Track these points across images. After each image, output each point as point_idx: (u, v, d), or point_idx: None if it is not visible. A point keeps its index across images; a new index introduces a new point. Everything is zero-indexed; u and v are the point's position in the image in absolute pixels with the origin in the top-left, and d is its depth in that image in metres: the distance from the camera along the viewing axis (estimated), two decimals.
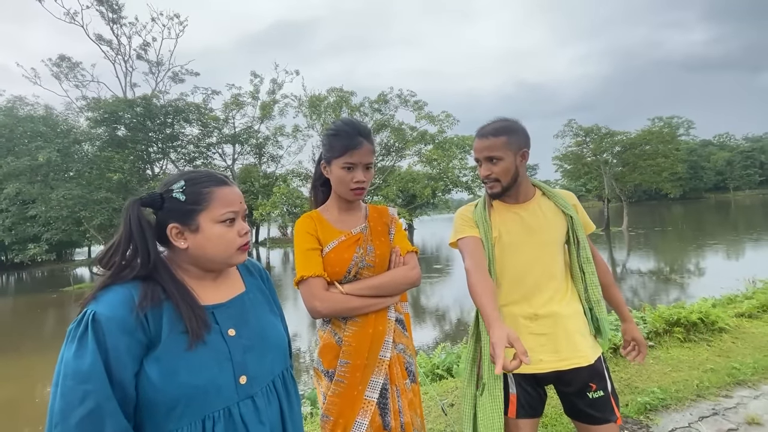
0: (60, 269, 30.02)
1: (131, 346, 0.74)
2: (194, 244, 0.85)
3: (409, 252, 1.37)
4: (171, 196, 0.85)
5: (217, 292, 0.90)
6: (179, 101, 20.93)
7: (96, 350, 0.71)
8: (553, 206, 1.42)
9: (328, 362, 1.27)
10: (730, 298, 5.63)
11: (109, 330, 0.72)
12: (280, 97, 23.83)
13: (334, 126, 1.33)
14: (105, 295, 0.77)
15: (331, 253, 1.28)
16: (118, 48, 23.85)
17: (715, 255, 14.61)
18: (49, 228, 17.76)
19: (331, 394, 1.23)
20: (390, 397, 1.25)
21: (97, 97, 20.75)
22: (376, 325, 1.27)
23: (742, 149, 74.67)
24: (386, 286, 1.28)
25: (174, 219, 0.85)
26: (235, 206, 0.88)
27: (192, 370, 0.78)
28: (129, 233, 0.82)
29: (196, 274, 0.89)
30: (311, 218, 1.35)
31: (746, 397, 2.71)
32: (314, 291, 1.22)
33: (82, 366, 0.70)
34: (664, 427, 2.42)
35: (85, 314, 0.74)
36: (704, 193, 72.74)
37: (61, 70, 22.74)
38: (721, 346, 3.61)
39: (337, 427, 1.22)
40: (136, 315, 0.75)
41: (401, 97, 21.18)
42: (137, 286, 0.79)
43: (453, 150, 20.04)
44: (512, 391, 1.34)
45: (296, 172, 22.95)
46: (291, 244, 36.29)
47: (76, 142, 17.98)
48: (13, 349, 9.89)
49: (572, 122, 27.03)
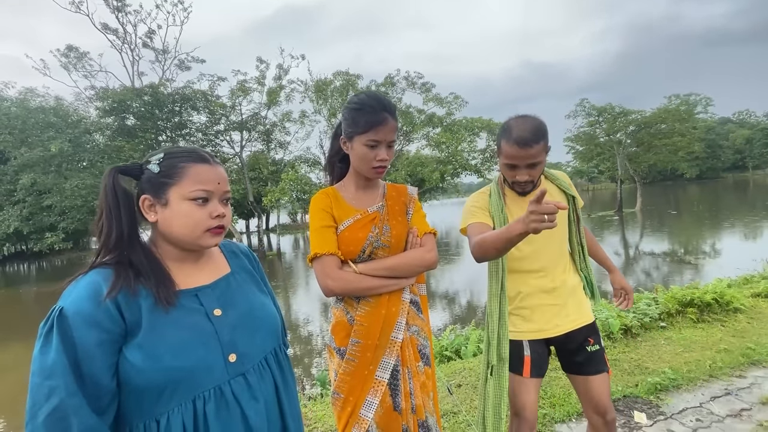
0: (78, 257, 30.82)
1: (101, 338, 0.73)
2: (162, 218, 0.84)
3: (427, 233, 1.32)
4: (148, 167, 0.85)
5: (200, 275, 0.89)
6: (186, 89, 20.89)
7: (60, 346, 0.70)
8: (557, 189, 1.56)
9: (340, 340, 1.26)
10: (746, 278, 5.51)
11: (75, 325, 0.71)
12: (287, 83, 23.63)
13: (358, 99, 1.26)
14: (74, 288, 0.76)
15: (346, 232, 1.25)
16: (124, 36, 23.78)
17: (732, 236, 14.27)
18: (65, 217, 18.15)
19: (342, 372, 1.23)
20: (401, 378, 1.24)
21: (106, 87, 20.85)
22: (389, 306, 1.24)
23: (762, 126, 71.91)
24: (401, 267, 1.24)
25: (147, 191, 0.84)
26: (208, 185, 0.85)
27: (176, 352, 0.77)
28: (104, 200, 0.82)
29: (175, 256, 0.87)
30: (327, 195, 1.31)
31: (761, 377, 2.67)
32: (327, 269, 1.20)
33: (46, 362, 0.69)
34: (675, 407, 2.40)
35: (53, 311, 0.73)
36: (722, 172, 70.64)
37: (69, 60, 22.81)
38: (736, 326, 3.54)
39: (348, 404, 1.21)
40: (105, 307, 0.74)
41: (408, 79, 20.80)
42: (109, 275, 0.78)
43: (462, 133, 19.68)
44: (526, 354, 1.50)
45: (304, 158, 22.93)
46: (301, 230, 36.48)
47: (86, 132, 18.19)
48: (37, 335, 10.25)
49: (584, 102, 26.29)
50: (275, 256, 20.78)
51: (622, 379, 2.76)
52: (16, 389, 6.61)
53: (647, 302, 3.95)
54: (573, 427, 2.29)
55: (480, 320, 6.27)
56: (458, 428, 2.35)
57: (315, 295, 11.56)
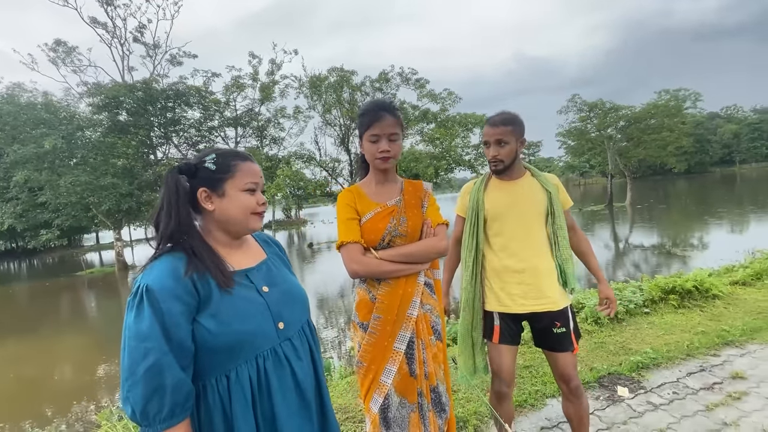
0: (71, 255, 30.57)
1: (183, 309, 0.88)
2: (220, 207, 1.00)
3: (440, 224, 1.51)
4: (203, 165, 1.00)
5: (245, 258, 1.07)
6: (179, 84, 20.73)
7: (152, 315, 0.85)
8: (538, 184, 1.77)
9: (363, 315, 1.46)
10: (728, 268, 5.78)
11: (161, 298, 0.86)
12: (280, 78, 23.55)
13: (363, 106, 1.52)
14: (154, 268, 0.91)
15: (368, 223, 1.45)
16: (114, 31, 23.44)
17: (718, 229, 14.69)
18: (59, 214, 18.04)
19: (365, 343, 1.44)
20: (416, 348, 1.44)
21: (97, 83, 20.61)
22: (406, 287, 1.44)
23: (750, 121, 73.16)
24: (416, 254, 1.44)
25: (204, 184, 0.99)
26: (256, 178, 1.03)
27: (242, 319, 0.95)
28: (167, 196, 0.96)
29: (223, 241, 1.04)
30: (351, 192, 1.52)
31: (733, 355, 2.91)
32: (352, 255, 1.41)
33: (141, 328, 0.84)
34: (654, 382, 2.63)
35: (139, 287, 0.87)
36: (710, 167, 71.78)
37: (57, 55, 22.42)
38: (714, 311, 3.80)
39: (370, 372, 1.42)
40: (183, 283, 0.90)
41: (402, 75, 20.86)
42: (182, 258, 0.93)
43: (455, 128, 19.88)
44: (496, 323, 1.76)
45: (299, 154, 22.92)
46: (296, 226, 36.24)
47: (79, 129, 17.99)
48: (31, 330, 10.30)
49: (576, 97, 26.62)
50: None
51: (608, 359, 2.99)
52: (12, 387, 6.68)
53: (632, 290, 4.19)
54: None
55: None
56: (458, 404, 2.56)
57: (310, 290, 11.72)
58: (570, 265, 1.74)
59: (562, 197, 1.79)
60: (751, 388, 2.45)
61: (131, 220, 22.43)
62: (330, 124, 22.05)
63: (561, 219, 1.74)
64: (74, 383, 6.58)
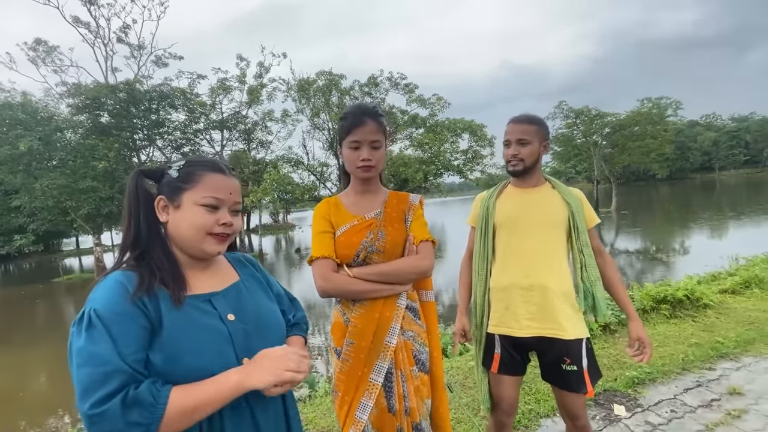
0: (48, 260, 29.55)
1: (137, 332, 0.76)
2: (173, 219, 0.88)
3: (424, 241, 1.33)
4: (168, 171, 0.90)
5: (211, 281, 0.92)
6: (164, 86, 20.31)
7: (107, 338, 0.73)
8: (558, 195, 1.58)
9: (336, 340, 1.31)
10: (714, 275, 5.79)
11: (111, 320, 0.74)
12: (268, 81, 23.31)
13: (344, 110, 1.37)
14: (99, 289, 0.79)
15: (342, 237, 1.32)
16: (97, 31, 22.91)
17: (700, 234, 14.96)
18: (35, 218, 17.37)
19: (338, 371, 1.29)
20: (395, 381, 1.27)
21: (78, 83, 20.04)
22: (383, 310, 1.27)
23: (728, 129, 75.55)
24: (393, 273, 1.28)
25: (164, 192, 0.89)
26: (220, 194, 0.88)
27: (195, 353, 0.79)
28: (127, 200, 0.88)
29: (186, 261, 0.91)
30: (327, 203, 1.39)
31: (728, 369, 2.84)
32: (322, 271, 1.27)
33: (97, 351, 0.72)
34: (651, 399, 2.53)
35: (85, 312, 0.76)
36: (690, 173, 73.74)
37: (37, 54, 21.80)
38: (706, 321, 3.74)
39: (345, 403, 1.26)
40: (133, 303, 0.77)
41: (392, 80, 20.84)
42: (131, 277, 0.81)
43: (444, 134, 19.88)
44: (497, 351, 1.59)
45: (286, 158, 22.63)
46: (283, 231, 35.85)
47: (57, 130, 17.42)
48: (4, 340, 9.82)
49: (563, 104, 27.03)
50: (257, 257, 20.50)
51: (603, 374, 2.88)
52: None
53: None
54: (557, 421, 2.38)
55: None
56: None
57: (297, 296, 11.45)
58: (600, 289, 1.53)
59: (587, 213, 1.59)
60: (750, 405, 2.37)
61: (112, 224, 21.78)
62: (318, 128, 21.87)
63: (585, 236, 1.54)
64: (50, 395, 6.29)
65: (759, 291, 4.42)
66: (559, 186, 1.61)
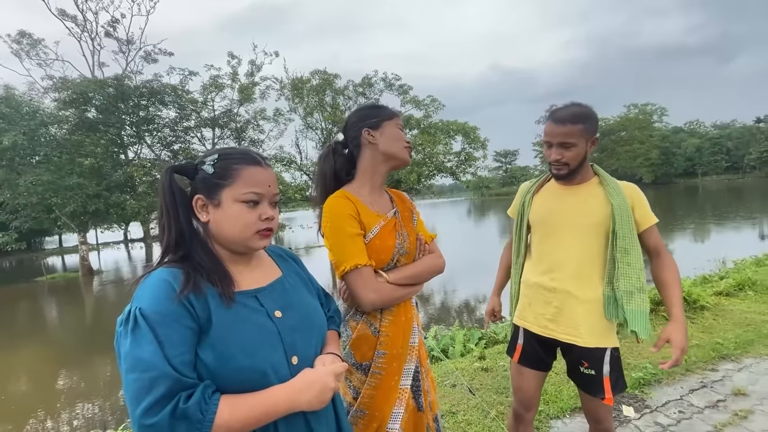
0: (30, 258, 28.72)
1: (184, 333, 0.72)
2: (214, 219, 0.84)
3: (433, 239, 1.38)
4: (203, 167, 0.84)
5: (254, 277, 0.88)
6: (154, 82, 19.95)
7: (153, 341, 0.70)
8: (603, 193, 1.42)
9: (362, 354, 1.20)
10: (705, 277, 5.91)
11: (157, 322, 0.71)
12: (260, 80, 23.09)
13: (369, 103, 1.39)
14: (145, 287, 0.76)
15: (376, 240, 1.19)
16: (84, 24, 22.40)
17: (690, 238, 15.29)
18: (18, 215, 16.84)
19: (367, 388, 1.18)
20: (421, 379, 1.26)
21: (64, 77, 19.54)
22: (406, 313, 1.25)
23: (710, 136, 77.45)
24: (422, 274, 1.26)
25: (201, 191, 0.84)
26: (260, 188, 0.84)
27: (247, 351, 0.76)
28: (162, 199, 0.83)
29: (227, 257, 0.87)
30: (348, 199, 1.20)
31: (731, 370, 2.88)
32: (368, 281, 1.14)
33: (143, 356, 0.69)
34: (658, 400, 2.55)
35: (131, 312, 0.73)
36: (675, 178, 75.42)
37: (21, 47, 21.19)
38: (704, 322, 3.80)
39: (373, 421, 1.17)
40: (180, 303, 0.74)
41: (386, 80, 20.89)
42: (177, 275, 0.77)
43: (438, 135, 19.99)
44: (519, 342, 1.60)
45: (278, 158, 22.43)
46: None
47: (42, 125, 16.93)
48: None
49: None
50: None
51: None
52: None
53: None
54: (567, 422, 2.38)
55: (452, 321, 6.37)
56: (458, 428, 2.39)
57: None
58: (632, 302, 1.36)
59: (640, 214, 1.40)
60: (756, 405, 2.40)
61: (98, 222, 21.30)
62: (311, 128, 21.76)
63: (628, 241, 1.36)
64: (31, 398, 6.07)
65: (753, 293, 4.51)
66: (608, 182, 1.43)
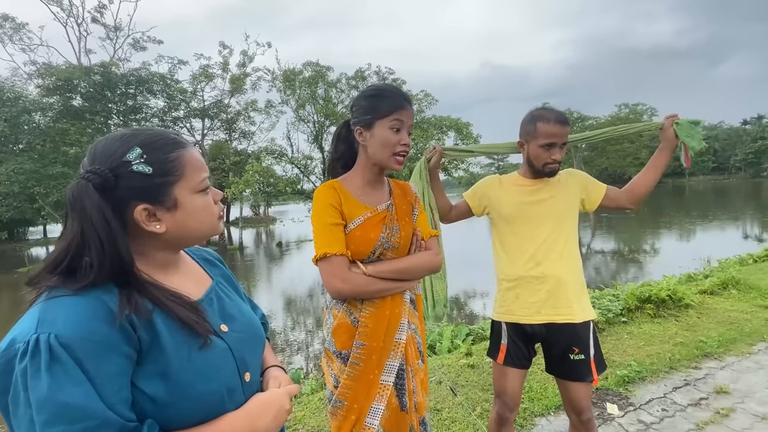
0: (12, 249, 28.07)
1: (120, 364, 0.58)
2: (174, 223, 0.69)
3: (432, 236, 1.31)
4: (129, 170, 0.65)
5: (188, 287, 0.75)
6: (142, 70, 19.55)
7: (82, 377, 0.55)
8: (572, 184, 1.61)
9: (341, 343, 1.19)
10: (690, 276, 5.99)
11: (86, 352, 0.55)
12: (252, 70, 22.74)
13: (375, 87, 1.23)
14: (59, 312, 0.57)
15: (357, 231, 1.17)
16: (70, 9, 21.83)
17: (673, 236, 15.53)
18: None
19: (345, 378, 1.16)
20: (406, 377, 1.22)
21: (48, 63, 19.01)
22: (393, 307, 1.20)
23: None
24: (410, 270, 1.21)
25: (138, 198, 0.66)
26: (205, 170, 0.75)
27: (205, 377, 0.66)
28: (90, 228, 0.61)
29: (161, 262, 0.73)
30: (334, 189, 1.20)
31: (713, 368, 2.90)
32: (337, 270, 1.12)
33: (72, 400, 0.53)
34: (642, 398, 2.55)
35: (39, 341, 0.54)
36: (662, 178, 76.23)
37: (4, 31, 20.61)
38: (688, 321, 3.84)
39: (351, 412, 1.15)
40: (121, 327, 0.59)
41: (379, 74, 20.70)
42: (107, 292, 0.61)
43: (431, 130, 19.92)
44: (503, 342, 1.59)
45: (270, 150, 22.16)
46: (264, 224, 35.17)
47: (25, 112, 16.51)
48: None
49: (546, 105, 27.54)
50: (236, 250, 20.05)
51: None
52: None
53: (610, 298, 4.19)
54: (552, 420, 2.37)
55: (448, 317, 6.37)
56: (442, 425, 2.37)
57: (277, 290, 11.27)
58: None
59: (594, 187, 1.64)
60: (737, 403, 2.42)
61: None
62: (303, 121, 21.50)
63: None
64: None
65: (736, 292, 4.57)
66: (562, 173, 1.65)
